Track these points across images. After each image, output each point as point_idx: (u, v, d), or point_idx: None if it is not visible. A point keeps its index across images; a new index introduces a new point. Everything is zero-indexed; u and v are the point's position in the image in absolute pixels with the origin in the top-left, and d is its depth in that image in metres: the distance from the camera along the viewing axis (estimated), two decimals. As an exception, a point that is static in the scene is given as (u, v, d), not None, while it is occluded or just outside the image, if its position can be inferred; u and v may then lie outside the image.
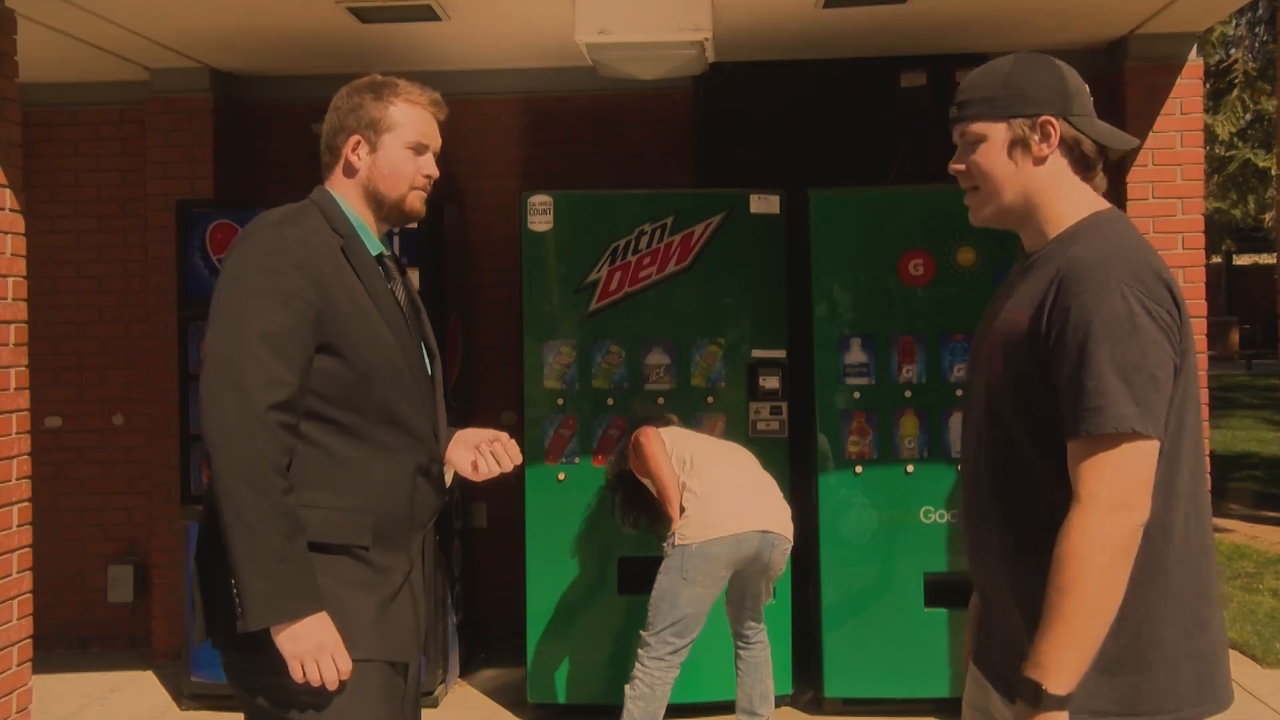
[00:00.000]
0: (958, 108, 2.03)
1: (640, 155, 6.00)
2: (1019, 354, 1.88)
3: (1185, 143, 5.53)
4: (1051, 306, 1.84)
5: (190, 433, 5.20)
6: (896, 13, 4.96)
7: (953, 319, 4.85)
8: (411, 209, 2.44)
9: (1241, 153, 15.13)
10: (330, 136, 2.42)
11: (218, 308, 2.22)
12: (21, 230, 4.41)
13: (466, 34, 5.19)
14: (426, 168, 2.44)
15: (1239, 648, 5.77)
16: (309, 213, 2.34)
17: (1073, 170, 1.99)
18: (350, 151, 2.39)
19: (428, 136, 2.43)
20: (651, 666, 4.04)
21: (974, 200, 2.04)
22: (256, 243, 2.25)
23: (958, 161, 2.04)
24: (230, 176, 5.95)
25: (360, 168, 2.39)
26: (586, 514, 4.86)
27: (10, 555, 4.30)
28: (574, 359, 4.90)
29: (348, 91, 2.44)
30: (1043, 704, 1.76)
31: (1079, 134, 1.97)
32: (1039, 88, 1.97)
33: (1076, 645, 1.76)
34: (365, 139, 2.39)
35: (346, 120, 2.40)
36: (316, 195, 2.41)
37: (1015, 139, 1.96)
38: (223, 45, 5.43)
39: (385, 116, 2.39)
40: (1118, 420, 1.75)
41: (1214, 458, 5.75)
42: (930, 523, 4.82)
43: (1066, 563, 1.77)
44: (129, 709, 5.26)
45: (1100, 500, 1.76)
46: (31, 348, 4.49)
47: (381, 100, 2.39)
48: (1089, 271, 1.84)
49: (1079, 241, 1.93)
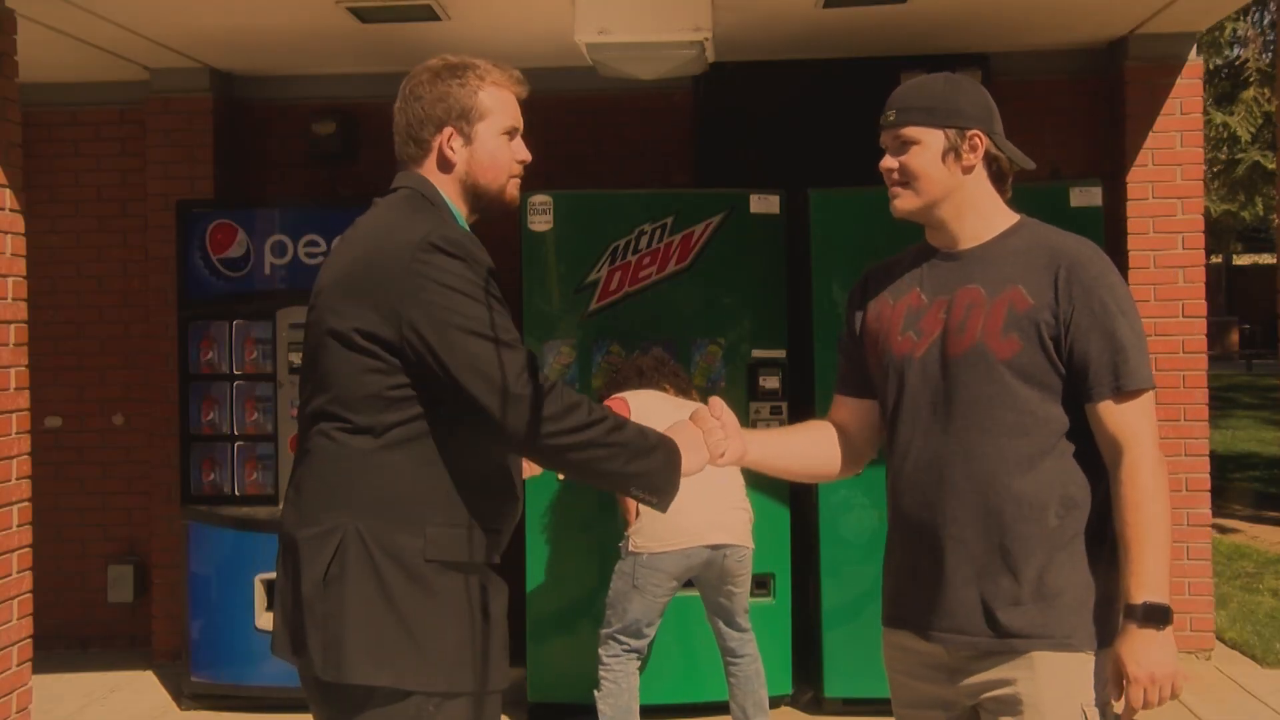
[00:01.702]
0: (896, 113, 2.26)
1: (640, 155, 5.99)
2: (1028, 330, 2.11)
3: (1185, 143, 5.53)
4: (1066, 287, 2.12)
5: (190, 433, 5.20)
6: (896, 13, 4.96)
7: (953, 319, 4.85)
8: (511, 198, 2.31)
9: (1250, 154, 15.11)
10: (415, 128, 2.23)
11: (441, 320, 2.07)
12: (21, 230, 4.41)
13: (466, 34, 5.19)
14: (520, 153, 2.30)
15: (1239, 648, 5.77)
16: (434, 211, 2.20)
17: (990, 181, 2.25)
18: (445, 144, 2.21)
19: (518, 119, 2.29)
20: (611, 664, 4.11)
21: (902, 195, 2.28)
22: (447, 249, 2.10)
23: (889, 161, 2.28)
24: (230, 176, 5.95)
25: (457, 161, 2.23)
26: (586, 514, 4.86)
27: (10, 555, 4.30)
28: (574, 359, 4.90)
29: (428, 78, 2.23)
30: (1169, 617, 2.05)
31: (998, 151, 2.23)
32: (971, 104, 2.24)
33: (1167, 563, 2.05)
34: (459, 130, 2.21)
35: (434, 110, 2.21)
36: (421, 186, 2.24)
37: (948, 147, 2.21)
38: (223, 45, 5.43)
39: (477, 104, 2.22)
40: (1145, 379, 2.10)
41: (1214, 458, 5.76)
42: (930, 523, 4.82)
43: (1147, 497, 2.05)
44: (129, 709, 5.26)
45: (1149, 443, 2.08)
46: (31, 348, 4.49)
47: (468, 86, 2.22)
48: (1093, 257, 2.17)
49: (1042, 236, 2.22)
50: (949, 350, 2.17)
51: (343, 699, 2.09)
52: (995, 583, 2.11)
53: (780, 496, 4.87)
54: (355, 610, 2.06)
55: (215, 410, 5.18)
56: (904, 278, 2.32)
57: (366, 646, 2.05)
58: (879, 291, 2.35)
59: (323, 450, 2.14)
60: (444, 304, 2.07)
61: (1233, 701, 5.02)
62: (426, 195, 2.23)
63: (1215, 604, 5.77)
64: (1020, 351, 2.10)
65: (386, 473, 2.09)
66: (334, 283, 2.17)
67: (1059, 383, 2.11)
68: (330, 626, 2.06)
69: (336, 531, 2.08)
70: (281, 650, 2.18)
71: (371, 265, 2.11)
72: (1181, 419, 5.48)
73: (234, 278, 5.16)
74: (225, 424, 5.18)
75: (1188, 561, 5.47)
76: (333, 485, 2.12)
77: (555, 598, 4.89)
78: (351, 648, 2.05)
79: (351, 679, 2.05)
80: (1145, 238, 5.51)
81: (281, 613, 2.17)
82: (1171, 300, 5.49)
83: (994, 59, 5.70)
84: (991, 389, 2.12)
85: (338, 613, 2.06)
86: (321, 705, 2.16)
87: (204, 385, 5.19)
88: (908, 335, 2.24)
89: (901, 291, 2.30)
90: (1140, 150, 5.50)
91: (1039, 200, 4.93)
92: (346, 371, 2.11)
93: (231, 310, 5.15)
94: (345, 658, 2.05)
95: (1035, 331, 2.10)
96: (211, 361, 5.18)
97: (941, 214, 2.25)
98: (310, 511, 2.13)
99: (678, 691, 4.80)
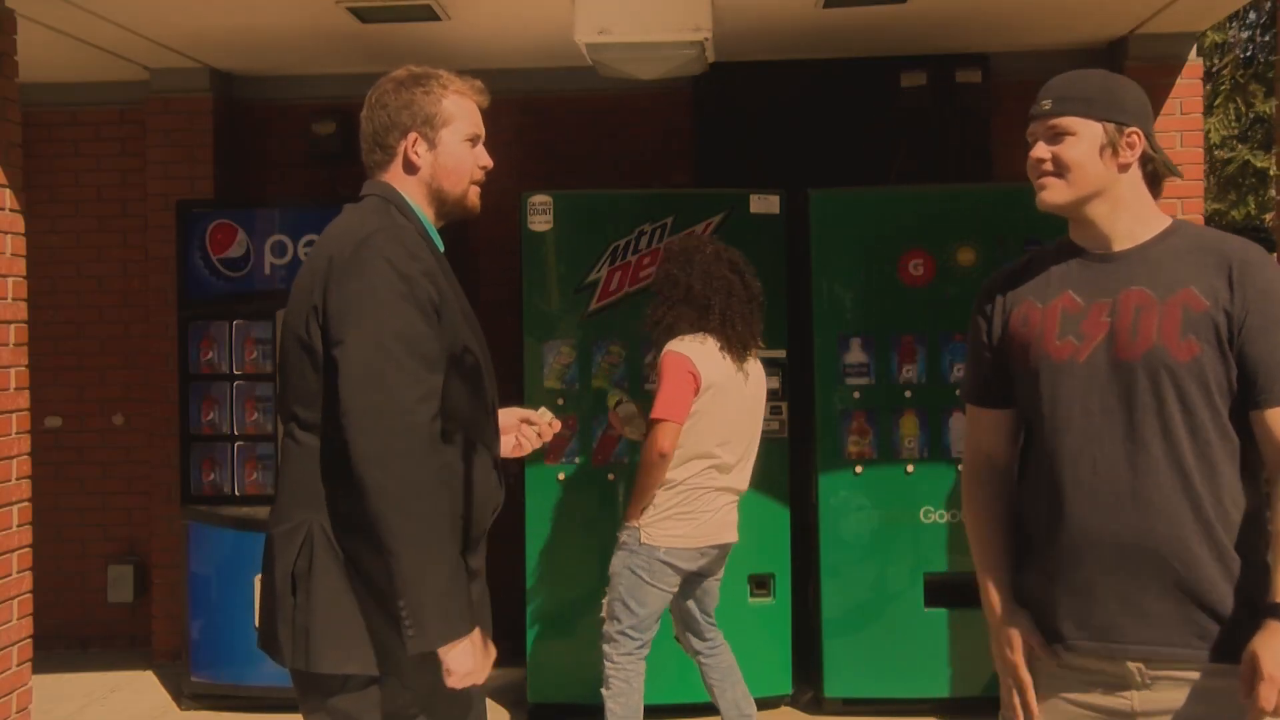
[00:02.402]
0: (1053, 102, 2.17)
1: (640, 155, 5.99)
2: (1206, 332, 2.06)
3: (1185, 143, 5.54)
4: (1240, 289, 2.06)
5: (190, 433, 5.20)
6: (896, 13, 4.96)
7: (953, 319, 4.84)
8: (472, 204, 2.40)
9: (1240, 154, 15.15)
10: (380, 134, 2.34)
11: (351, 318, 2.14)
12: (21, 230, 4.41)
13: (466, 34, 5.19)
14: (482, 159, 2.41)
15: (1239, 648, 5.76)
16: (391, 214, 2.29)
17: (1145, 183, 2.18)
18: (410, 149, 2.33)
19: (480, 127, 2.40)
20: (622, 662, 4.00)
21: (1052, 187, 2.17)
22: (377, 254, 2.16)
23: (1041, 151, 2.17)
24: (230, 176, 5.95)
25: (422, 165, 2.34)
26: (586, 514, 4.86)
27: (10, 555, 4.31)
28: (574, 359, 4.90)
29: (392, 87, 2.35)
30: None
31: (1153, 153, 2.16)
32: (1132, 102, 2.17)
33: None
34: (423, 135, 2.33)
35: (399, 117, 2.32)
36: (385, 192, 2.33)
37: (1106, 142, 2.13)
38: (223, 45, 5.43)
39: (440, 111, 2.33)
40: None
41: (1214, 458, 5.74)
42: (930, 523, 4.82)
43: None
44: (129, 709, 5.26)
45: None
46: (31, 348, 4.49)
47: (432, 94, 2.33)
48: (1264, 259, 2.10)
49: (1205, 237, 2.15)
50: (1120, 354, 2.10)
51: (317, 687, 2.21)
52: (1203, 596, 2.04)
53: (780, 497, 4.87)
54: (321, 602, 2.16)
55: (215, 410, 5.18)
56: (1049, 280, 2.22)
57: (333, 636, 2.16)
58: (1020, 296, 2.25)
59: (287, 448, 2.27)
60: (356, 300, 2.15)
61: (1233, 701, 5.01)
62: (392, 201, 2.32)
63: (1215, 604, 5.76)
64: (1199, 354, 2.05)
65: (333, 468, 2.17)
66: (296, 284, 2.28)
67: (1233, 386, 2.06)
68: (298, 618, 2.17)
69: (302, 527, 2.19)
70: (263, 644, 2.29)
71: (320, 266, 2.22)
72: (1181, 419, 5.47)
73: (234, 278, 5.16)
74: (225, 424, 5.18)
75: (1188, 561, 5.46)
76: (297, 482, 2.23)
77: (555, 598, 4.89)
78: (318, 638, 2.16)
79: (319, 668, 2.17)
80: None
81: (262, 608, 2.29)
82: (1171, 300, 5.49)
83: (994, 59, 5.70)
84: (1172, 393, 2.06)
85: (305, 605, 2.17)
86: (301, 694, 2.27)
87: (204, 385, 5.19)
88: (1067, 340, 2.15)
89: (1050, 294, 2.20)
90: (1140, 150, 5.50)
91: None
92: (298, 369, 2.23)
93: (231, 310, 5.15)
94: (313, 647, 2.16)
95: (1213, 334, 2.05)
96: (211, 361, 5.18)
97: (1093, 211, 2.17)
98: (282, 508, 2.26)
99: (677, 691, 4.80)
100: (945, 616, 4.81)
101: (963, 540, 4.81)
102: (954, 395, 4.84)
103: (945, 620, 4.81)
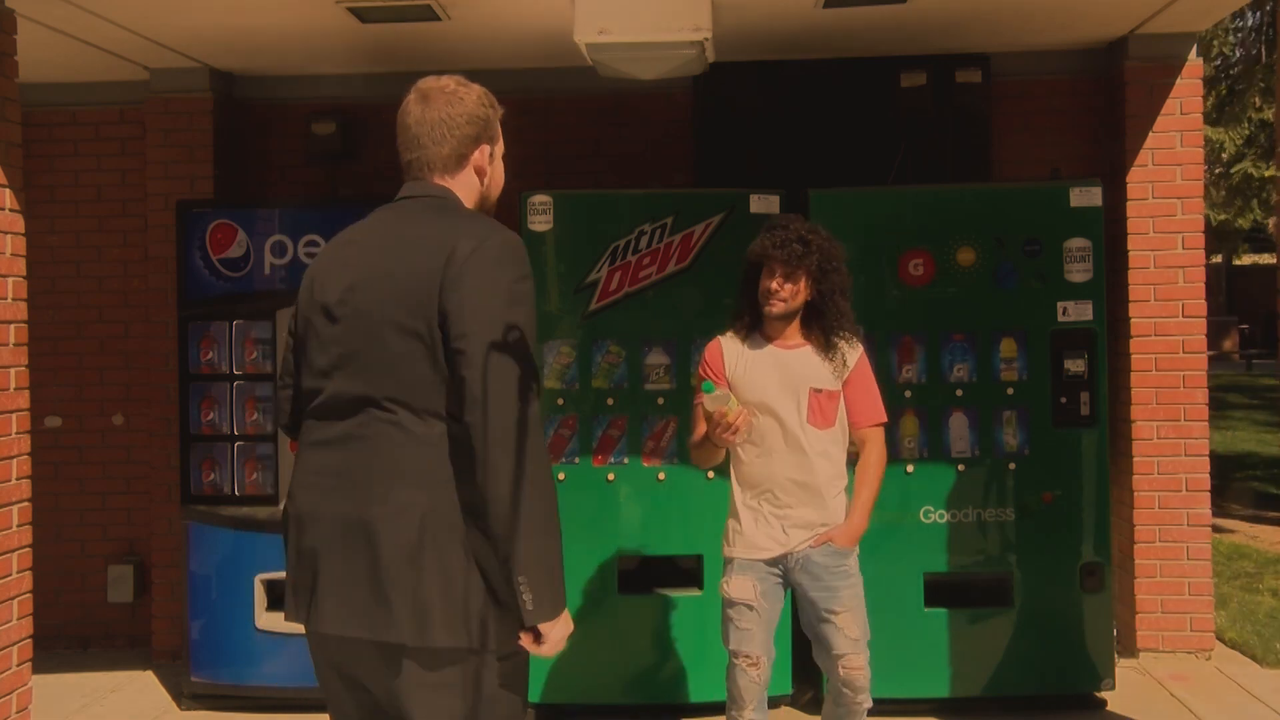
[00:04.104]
0: None
1: (640, 155, 5.99)
2: None
3: (1185, 143, 5.54)
4: None
5: (190, 433, 5.20)
6: (896, 13, 4.96)
7: (953, 319, 4.85)
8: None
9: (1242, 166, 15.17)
10: (462, 144, 2.49)
11: (480, 314, 2.27)
12: (21, 230, 4.41)
13: (466, 34, 5.19)
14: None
15: (1239, 648, 5.77)
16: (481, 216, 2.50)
17: None
18: (486, 160, 2.54)
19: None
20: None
21: None
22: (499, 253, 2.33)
23: None
24: (230, 176, 5.95)
25: (487, 176, 2.56)
26: (586, 514, 4.85)
27: (10, 555, 4.31)
28: (574, 359, 4.90)
29: (479, 99, 2.53)
30: None
31: None
32: None
33: None
34: (493, 150, 2.56)
35: (482, 130, 2.52)
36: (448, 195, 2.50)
37: None
38: (223, 45, 5.43)
39: (498, 128, 2.57)
40: None
41: (1214, 458, 5.76)
42: (930, 523, 4.82)
43: None
44: (129, 709, 5.26)
45: None
46: (31, 348, 4.49)
47: (496, 110, 2.57)
48: None
49: None
50: None
51: (422, 660, 2.28)
52: None
53: (780, 496, 4.87)
54: (442, 578, 2.26)
55: (215, 410, 5.18)
56: None
57: (452, 610, 2.27)
58: None
59: (385, 433, 2.33)
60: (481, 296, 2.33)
61: (1233, 701, 5.02)
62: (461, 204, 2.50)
63: (1215, 604, 5.77)
64: None
65: (455, 452, 2.30)
66: (385, 274, 2.36)
67: None
68: (419, 593, 2.25)
69: (412, 507, 2.28)
70: (347, 623, 2.31)
71: (431, 262, 2.32)
72: (1181, 419, 5.48)
73: (234, 278, 5.17)
74: (225, 424, 5.18)
75: (1188, 561, 5.47)
76: (400, 465, 2.31)
77: (555, 598, 4.89)
78: (438, 612, 2.25)
79: (438, 642, 2.26)
80: (1145, 238, 5.51)
81: (342, 588, 2.32)
82: (1171, 300, 5.50)
83: (994, 59, 5.70)
84: None
85: (424, 580, 2.26)
86: (389, 667, 2.31)
87: (204, 385, 5.20)
88: None
89: None
90: (1140, 150, 5.50)
91: (1039, 200, 4.94)
92: (407, 360, 2.32)
93: (231, 310, 5.15)
94: (433, 621, 2.25)
95: None
96: (211, 361, 5.18)
97: None
98: (375, 490, 2.31)
99: (676, 692, 4.80)
100: (945, 616, 4.82)
101: (963, 540, 4.84)
102: (954, 395, 4.84)
103: (945, 620, 4.81)
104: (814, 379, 3.64)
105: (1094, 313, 4.85)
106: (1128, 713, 4.85)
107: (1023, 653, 4.82)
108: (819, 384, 3.65)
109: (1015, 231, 4.82)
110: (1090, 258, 4.85)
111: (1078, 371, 4.85)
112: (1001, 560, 4.86)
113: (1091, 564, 4.84)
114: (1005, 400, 4.85)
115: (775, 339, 3.70)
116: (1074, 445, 4.86)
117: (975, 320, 4.86)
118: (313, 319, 2.44)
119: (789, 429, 3.62)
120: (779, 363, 3.67)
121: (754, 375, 3.68)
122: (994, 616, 4.85)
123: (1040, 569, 4.84)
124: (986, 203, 4.92)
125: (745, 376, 3.68)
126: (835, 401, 3.68)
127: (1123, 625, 5.54)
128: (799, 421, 3.62)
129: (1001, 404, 4.85)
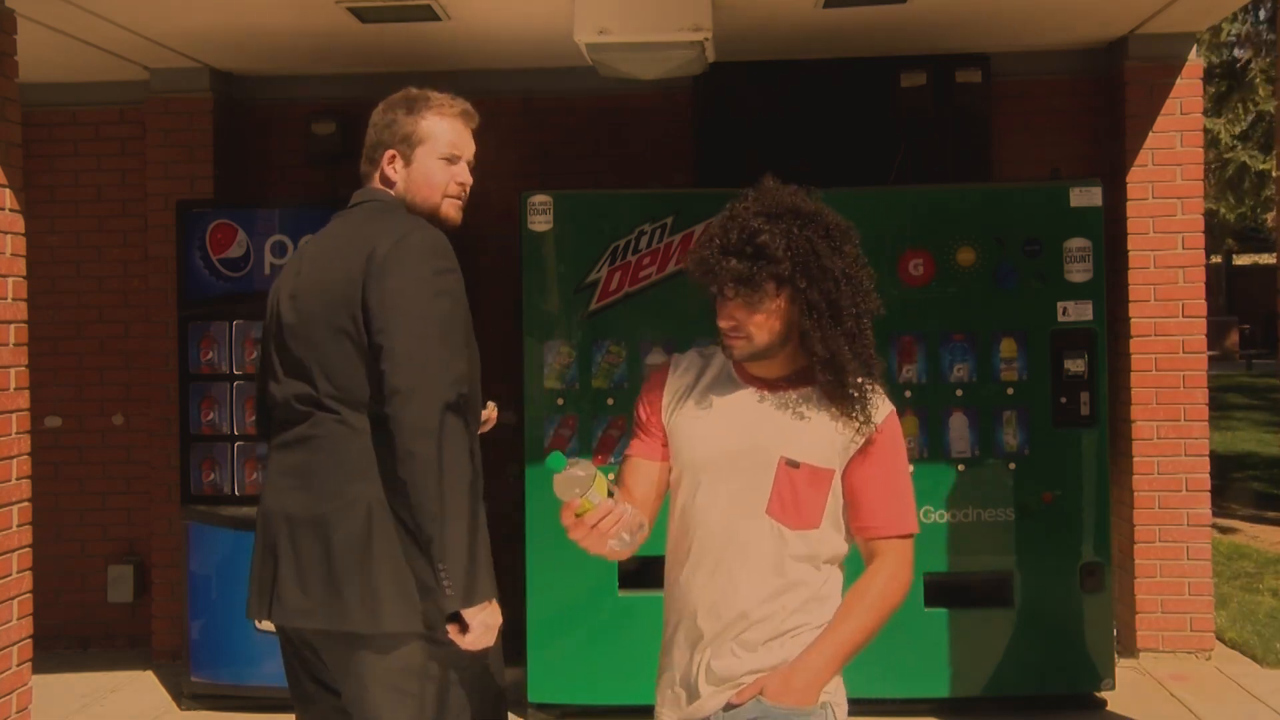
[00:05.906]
0: None
1: (640, 155, 5.99)
2: None
3: (1185, 143, 5.54)
4: None
5: (190, 433, 5.20)
6: (896, 13, 4.96)
7: (953, 319, 4.85)
8: (446, 217, 2.61)
9: (1238, 155, 15.12)
10: (370, 150, 2.62)
11: (396, 309, 2.35)
12: (21, 230, 4.41)
13: (466, 34, 5.19)
14: (460, 176, 2.61)
15: (1239, 648, 5.77)
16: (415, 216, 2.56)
17: None
18: (386, 165, 2.59)
19: (459, 146, 2.61)
20: None
21: None
22: (417, 250, 2.41)
23: None
24: (230, 176, 5.95)
25: (396, 180, 2.59)
26: (586, 514, 4.85)
27: (10, 555, 4.31)
28: (574, 359, 4.90)
29: (383, 107, 2.62)
30: None
31: None
32: None
33: None
34: (400, 153, 2.58)
35: (382, 136, 2.59)
36: (387, 199, 2.59)
37: None
38: (223, 45, 5.43)
39: (417, 130, 2.57)
40: None
41: (1214, 458, 5.76)
42: (930, 523, 4.82)
43: None
44: (129, 709, 5.26)
45: None
46: (31, 348, 4.49)
47: (413, 114, 2.57)
48: None
49: None
50: None
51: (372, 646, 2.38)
52: None
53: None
54: (388, 567, 2.37)
55: (215, 410, 5.18)
56: None
57: (399, 597, 2.37)
58: None
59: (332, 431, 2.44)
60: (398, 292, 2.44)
61: (1233, 701, 5.02)
62: (397, 206, 2.58)
63: (1215, 604, 5.77)
64: None
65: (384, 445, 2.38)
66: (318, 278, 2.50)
67: None
68: (368, 583, 2.36)
69: (359, 500, 2.38)
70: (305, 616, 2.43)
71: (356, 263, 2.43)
72: (1181, 419, 5.48)
73: (234, 278, 5.17)
74: (225, 424, 5.18)
75: (1188, 561, 5.47)
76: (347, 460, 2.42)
77: (555, 598, 4.89)
78: (386, 600, 2.36)
79: (389, 627, 2.36)
80: (1145, 238, 5.51)
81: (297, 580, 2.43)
82: (1171, 300, 5.50)
83: (994, 59, 5.70)
84: None
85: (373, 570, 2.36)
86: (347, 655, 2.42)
87: (204, 385, 5.20)
88: None
89: None
90: (1140, 150, 5.50)
91: (1039, 200, 4.94)
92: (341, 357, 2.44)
93: (231, 310, 5.16)
94: (382, 609, 2.36)
95: None
96: (211, 361, 5.18)
97: None
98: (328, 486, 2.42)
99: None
100: (945, 616, 4.81)
101: (963, 540, 4.83)
102: (954, 395, 4.84)
103: (945, 620, 4.81)
104: (793, 444, 2.18)
105: (1094, 313, 4.85)
106: (1128, 713, 4.85)
107: (1023, 653, 4.82)
108: (798, 454, 2.18)
109: (1015, 231, 4.82)
110: (1090, 258, 4.85)
111: (1078, 371, 4.85)
112: (1001, 560, 4.85)
113: (1091, 564, 4.84)
114: (1005, 400, 4.85)
115: (759, 372, 2.28)
116: (1074, 445, 4.86)
117: (975, 320, 4.86)
118: (270, 327, 2.58)
119: (733, 524, 2.20)
120: (746, 411, 2.24)
121: (699, 425, 2.25)
122: (994, 616, 4.85)
123: (1040, 569, 4.84)
124: (986, 203, 4.92)
125: (686, 424, 2.27)
126: (824, 487, 2.19)
127: (1123, 625, 5.54)
128: (752, 511, 2.18)
129: (1001, 404, 4.85)
